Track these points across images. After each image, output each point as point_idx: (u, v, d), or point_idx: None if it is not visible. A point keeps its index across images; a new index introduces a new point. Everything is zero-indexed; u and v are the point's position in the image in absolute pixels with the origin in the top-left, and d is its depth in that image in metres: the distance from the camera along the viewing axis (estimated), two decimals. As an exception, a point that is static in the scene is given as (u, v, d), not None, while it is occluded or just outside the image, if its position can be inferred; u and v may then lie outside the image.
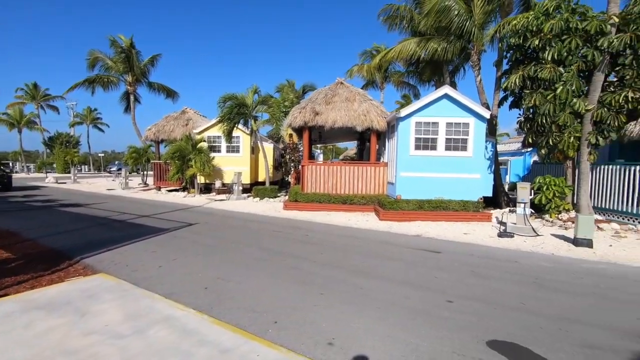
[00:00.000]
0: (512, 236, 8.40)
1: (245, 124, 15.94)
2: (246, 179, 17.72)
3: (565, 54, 9.04)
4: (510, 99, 11.02)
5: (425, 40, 13.25)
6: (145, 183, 23.03)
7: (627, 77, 8.81)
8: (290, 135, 21.21)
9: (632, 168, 9.45)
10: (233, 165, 17.67)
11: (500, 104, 12.12)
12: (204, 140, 17.30)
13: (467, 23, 12.35)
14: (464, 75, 18.24)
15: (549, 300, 4.54)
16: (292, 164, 20.34)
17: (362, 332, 3.52)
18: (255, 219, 10.89)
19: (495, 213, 11.41)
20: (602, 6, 9.20)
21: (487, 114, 10.74)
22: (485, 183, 11.28)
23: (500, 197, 13.33)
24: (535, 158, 17.96)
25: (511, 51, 10.28)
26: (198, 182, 17.12)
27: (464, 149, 10.84)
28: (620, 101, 8.93)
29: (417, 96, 24.46)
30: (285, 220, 10.68)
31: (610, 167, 10.21)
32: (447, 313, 4.05)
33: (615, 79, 9.53)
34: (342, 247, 7.37)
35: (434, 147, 10.90)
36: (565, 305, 4.39)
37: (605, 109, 9.24)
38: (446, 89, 10.72)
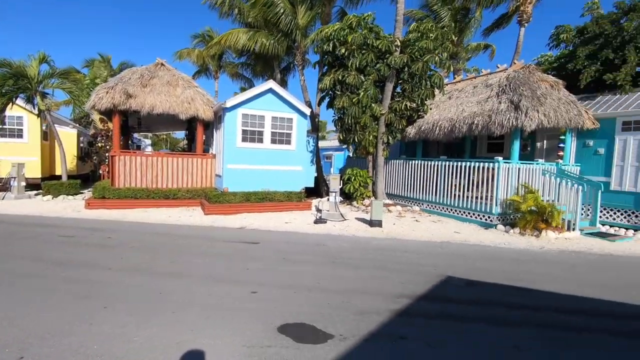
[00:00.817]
0: (325, 222, 9.39)
1: (30, 101, 12.34)
2: (35, 172, 13.86)
3: (365, 64, 10.66)
4: (327, 99, 12.30)
5: (254, 32, 13.32)
6: None
7: (406, 89, 11.12)
8: (104, 120, 17.87)
9: (410, 162, 12.07)
10: (15, 154, 13.46)
11: (319, 103, 13.39)
12: (-41, 119, 12.52)
13: (292, 24, 13.07)
14: (295, 74, 19.42)
15: (341, 277, 5.18)
16: (106, 154, 17.16)
17: (145, 345, 3.09)
18: (41, 222, 8.57)
19: (315, 202, 12.60)
20: (392, 29, 11.27)
21: (307, 111, 11.64)
22: (307, 175, 12.28)
23: (321, 187, 14.84)
24: (350, 153, 20.90)
25: (325, 56, 11.44)
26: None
27: (288, 142, 11.46)
28: (403, 108, 11.20)
29: (253, 89, 24.60)
30: (85, 221, 8.81)
31: (397, 161, 12.76)
32: (247, 304, 4.04)
33: (400, 91, 11.91)
34: (153, 247, 6.57)
35: (260, 140, 11.09)
36: (352, 279, 5.09)
37: (394, 114, 11.43)
38: (271, 84, 11.04)
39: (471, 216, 9.79)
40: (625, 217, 9.37)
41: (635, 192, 9.07)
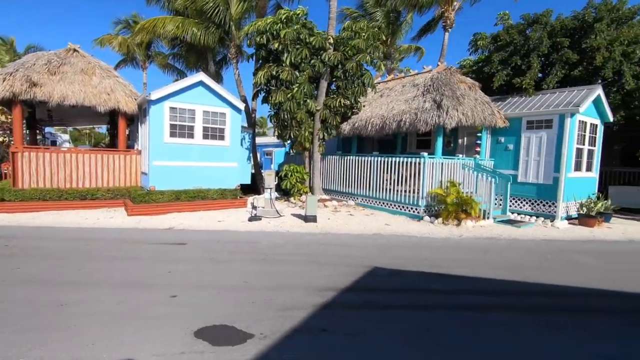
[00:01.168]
0: (260, 219, 9.22)
1: None
2: None
3: (299, 60, 10.63)
4: (262, 94, 12.05)
5: (183, 20, 12.55)
6: None
7: (340, 87, 11.32)
8: (6, 112, 15.62)
9: (345, 158, 12.35)
10: None
11: (254, 97, 13.08)
12: None
13: (225, 14, 12.55)
14: (230, 68, 18.71)
15: (269, 274, 5.09)
16: (7, 150, 14.99)
17: (33, 366, 2.72)
18: None
19: (251, 199, 12.31)
20: (325, 27, 11.38)
21: (242, 106, 11.28)
22: (243, 171, 11.95)
23: (259, 184, 14.53)
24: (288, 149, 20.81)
25: (260, 49, 11.19)
26: None
27: (222, 138, 11.02)
28: (337, 105, 11.39)
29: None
30: (-24, 228, 7.60)
31: (333, 157, 12.97)
32: (164, 310, 3.78)
33: (335, 88, 12.09)
34: (60, 254, 5.86)
35: (191, 135, 10.50)
36: (280, 276, 5.03)
37: (329, 111, 11.57)
38: (201, 76, 10.49)
39: (401, 209, 10.32)
40: (529, 205, 10.58)
41: (537, 183, 10.28)
